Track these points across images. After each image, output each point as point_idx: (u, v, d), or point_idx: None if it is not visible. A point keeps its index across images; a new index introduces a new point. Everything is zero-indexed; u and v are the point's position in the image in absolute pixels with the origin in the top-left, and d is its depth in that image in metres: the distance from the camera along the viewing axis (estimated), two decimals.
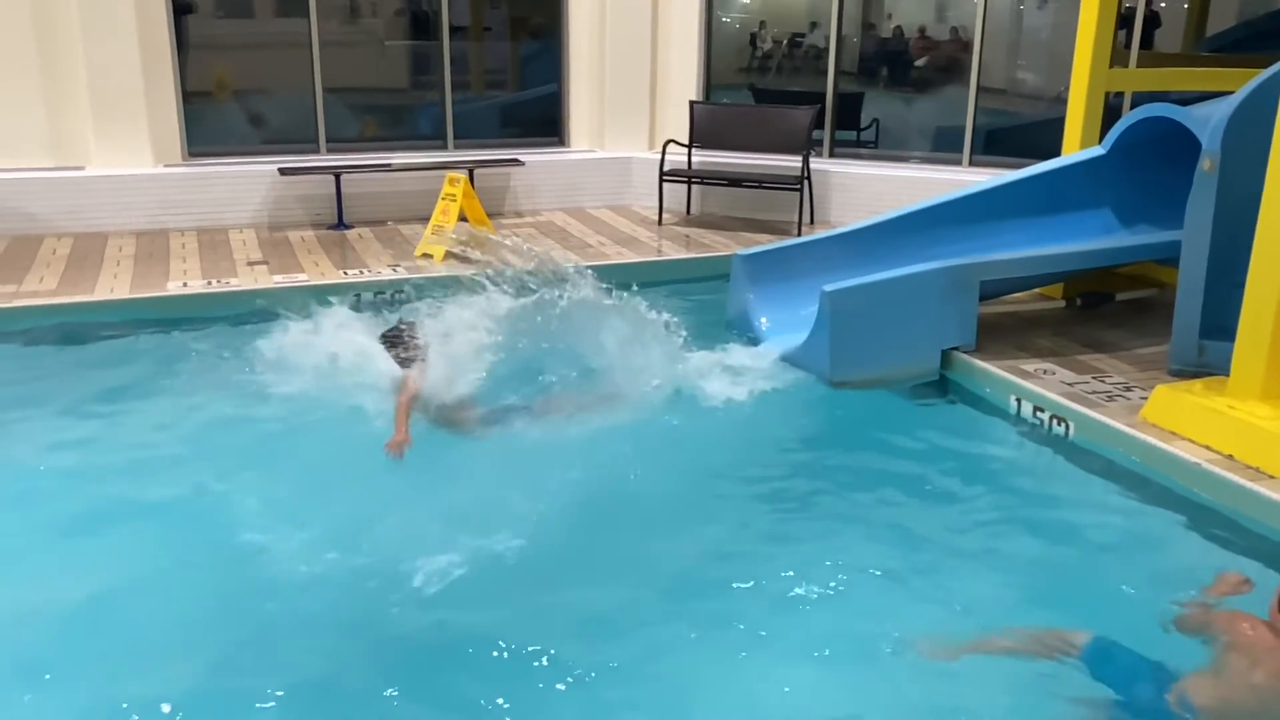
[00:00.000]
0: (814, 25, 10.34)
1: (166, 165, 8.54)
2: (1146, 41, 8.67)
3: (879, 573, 3.76)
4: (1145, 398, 4.87)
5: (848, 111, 9.81)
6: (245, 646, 3.32)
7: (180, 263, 7.33)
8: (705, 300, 6.87)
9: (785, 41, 11.03)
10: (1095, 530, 4.13)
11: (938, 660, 3.23)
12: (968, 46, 9.02)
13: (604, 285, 5.04)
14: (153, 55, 8.33)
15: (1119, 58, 7.40)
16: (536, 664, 3.22)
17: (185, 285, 5.02)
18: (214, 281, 6.77)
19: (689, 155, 9.13)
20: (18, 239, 7.91)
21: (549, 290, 4.80)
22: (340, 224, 8.57)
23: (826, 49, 9.47)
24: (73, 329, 6.11)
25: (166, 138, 8.54)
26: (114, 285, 6.73)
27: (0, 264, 7.25)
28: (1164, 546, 4.07)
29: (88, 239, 8.01)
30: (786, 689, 3.14)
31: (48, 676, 3.16)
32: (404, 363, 4.63)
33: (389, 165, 8.84)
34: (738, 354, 5.81)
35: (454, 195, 7.86)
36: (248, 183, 8.63)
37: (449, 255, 7.42)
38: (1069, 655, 3.08)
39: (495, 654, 3.26)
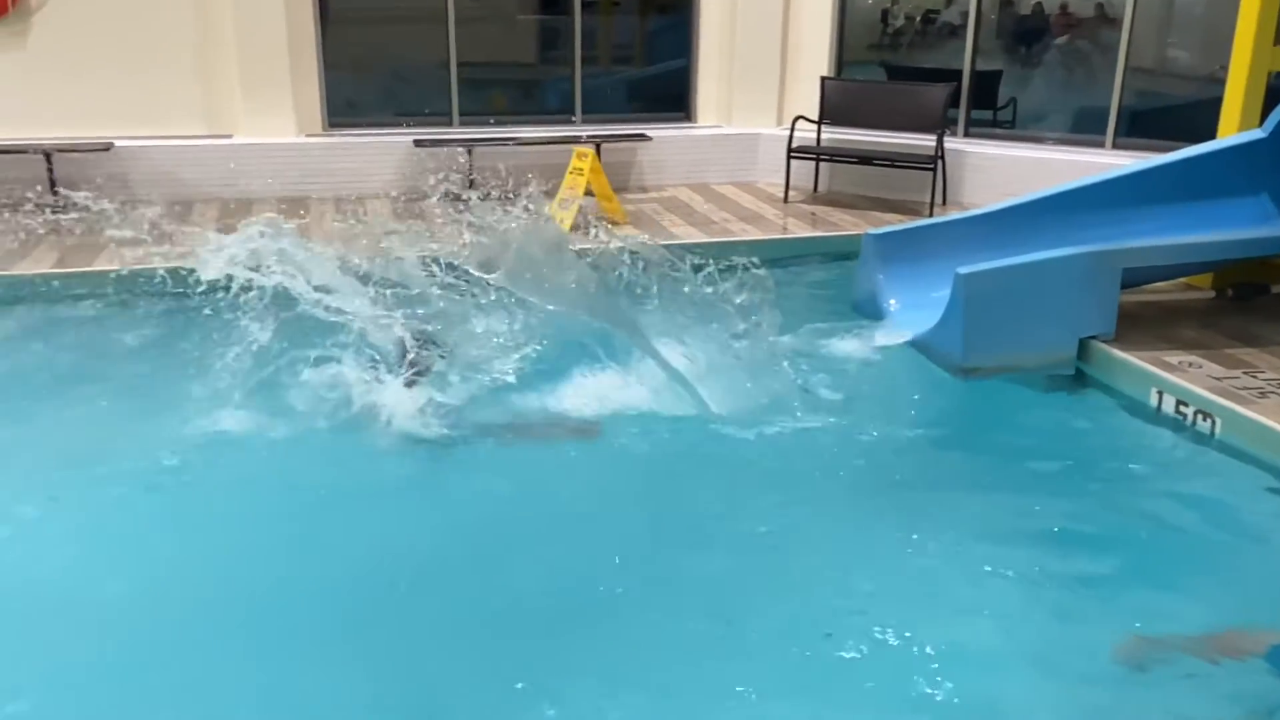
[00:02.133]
0: (949, 1, 10.04)
1: (308, 135, 8.86)
2: None
3: (1032, 575, 3.59)
4: None
5: (984, 90, 9.50)
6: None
7: (319, 230, 7.61)
8: (831, 280, 6.79)
9: (919, 18, 10.75)
10: (1251, 532, 3.96)
11: (1122, 663, 3.13)
12: (1114, 22, 8.63)
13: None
14: (298, 29, 8.64)
15: None
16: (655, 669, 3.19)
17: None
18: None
19: (818, 132, 9.00)
20: (172, 204, 8.33)
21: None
22: None
23: (961, 25, 9.18)
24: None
25: (309, 108, 8.86)
26: None
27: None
28: None
29: (234, 205, 8.38)
30: (957, 699, 3.01)
31: None
32: (411, 370, 4.73)
33: (519, 138, 8.98)
34: (864, 336, 5.73)
35: (581, 169, 7.94)
36: (384, 153, 8.89)
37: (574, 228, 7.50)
38: (1253, 656, 2.97)
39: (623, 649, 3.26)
